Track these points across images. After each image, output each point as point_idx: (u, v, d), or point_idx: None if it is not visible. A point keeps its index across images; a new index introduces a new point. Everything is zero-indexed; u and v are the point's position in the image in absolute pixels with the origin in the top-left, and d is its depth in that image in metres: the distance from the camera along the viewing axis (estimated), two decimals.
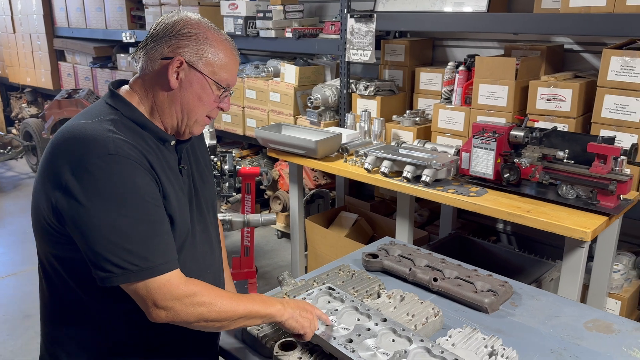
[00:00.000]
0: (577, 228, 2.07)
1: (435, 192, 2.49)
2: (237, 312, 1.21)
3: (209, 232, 1.40)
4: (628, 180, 2.15)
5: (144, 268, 1.11)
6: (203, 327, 1.20)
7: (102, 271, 1.10)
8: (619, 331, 1.57)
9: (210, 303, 1.18)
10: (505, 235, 3.58)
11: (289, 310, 1.30)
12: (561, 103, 2.67)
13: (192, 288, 1.16)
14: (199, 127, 1.30)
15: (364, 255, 1.93)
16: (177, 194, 1.25)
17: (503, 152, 2.43)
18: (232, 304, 1.21)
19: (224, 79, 1.26)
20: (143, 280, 1.11)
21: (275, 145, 3.13)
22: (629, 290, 2.71)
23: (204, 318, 1.17)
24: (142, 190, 1.13)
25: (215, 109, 1.29)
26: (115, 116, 1.20)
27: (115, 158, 1.10)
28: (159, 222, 1.16)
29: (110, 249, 1.09)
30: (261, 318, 1.27)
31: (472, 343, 1.42)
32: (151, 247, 1.12)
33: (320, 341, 1.34)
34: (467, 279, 1.78)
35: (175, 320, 1.16)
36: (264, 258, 4.20)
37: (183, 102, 1.24)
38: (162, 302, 1.13)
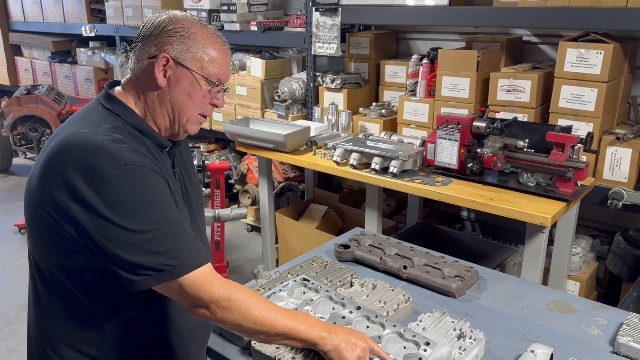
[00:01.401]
0: (538, 214, 2.17)
1: (403, 182, 2.55)
2: (275, 327, 1.15)
3: (201, 233, 1.41)
4: (585, 167, 2.26)
5: (176, 266, 1.10)
6: (241, 334, 1.20)
7: (135, 275, 1.09)
8: (578, 311, 1.66)
9: (248, 310, 1.13)
10: (469, 222, 3.69)
11: (335, 340, 1.19)
12: (521, 94, 2.77)
13: (230, 290, 1.14)
14: (193, 126, 1.28)
15: (336, 246, 1.97)
16: (178, 198, 1.25)
17: (466, 142, 2.51)
18: (271, 316, 1.15)
19: (214, 74, 1.23)
20: (177, 277, 1.10)
21: (244, 140, 3.13)
22: (587, 271, 2.85)
23: (239, 325, 1.14)
24: (161, 195, 1.13)
25: (208, 106, 1.27)
26: (118, 123, 1.18)
27: (131, 168, 1.09)
28: (180, 221, 1.15)
29: (139, 254, 1.08)
30: (301, 341, 1.19)
31: (442, 326, 1.48)
32: (179, 246, 1.11)
33: None
34: (435, 265, 1.84)
35: (214, 320, 1.14)
36: (235, 252, 4.21)
37: (173, 100, 1.22)
38: (200, 301, 1.12)
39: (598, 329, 1.56)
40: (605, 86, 2.51)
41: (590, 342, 1.50)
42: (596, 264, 2.95)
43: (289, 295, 1.52)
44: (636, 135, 2.54)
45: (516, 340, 1.51)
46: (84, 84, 5.75)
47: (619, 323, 1.56)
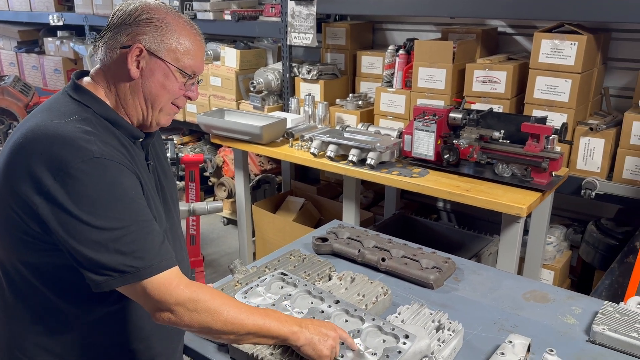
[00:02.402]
0: (513, 204, 2.19)
1: (380, 174, 2.54)
2: (246, 325, 1.12)
3: (175, 227, 1.37)
4: (559, 158, 2.29)
5: (140, 268, 1.06)
6: (209, 337, 1.17)
7: (98, 275, 1.05)
8: (554, 300, 1.68)
9: (216, 311, 1.10)
10: (445, 213, 3.72)
11: (307, 334, 1.18)
12: (496, 85, 2.78)
13: (196, 292, 1.10)
14: (165, 117, 1.24)
15: (314, 240, 1.95)
16: (151, 192, 1.21)
17: (443, 134, 2.51)
18: (240, 316, 1.12)
19: (188, 66, 1.20)
20: (141, 280, 1.06)
21: (219, 132, 3.08)
22: (561, 260, 2.90)
23: (208, 327, 1.10)
24: (130, 192, 1.08)
25: (181, 98, 1.24)
26: (87, 114, 1.13)
27: (100, 161, 1.05)
28: (149, 220, 1.11)
29: (103, 253, 1.04)
30: (273, 338, 1.17)
31: (420, 318, 1.48)
32: (145, 247, 1.07)
33: None
34: (412, 257, 1.84)
35: (179, 325, 1.10)
36: (211, 246, 4.16)
37: (146, 91, 1.18)
38: (165, 305, 1.07)
39: (574, 318, 1.58)
40: (579, 77, 2.53)
41: (566, 332, 1.51)
42: (570, 252, 2.99)
43: (266, 290, 1.50)
44: (609, 125, 2.58)
45: (494, 331, 1.52)
46: (52, 75, 5.59)
47: (593, 312, 1.59)
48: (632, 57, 2.85)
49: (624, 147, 2.51)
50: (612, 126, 2.59)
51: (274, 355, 1.33)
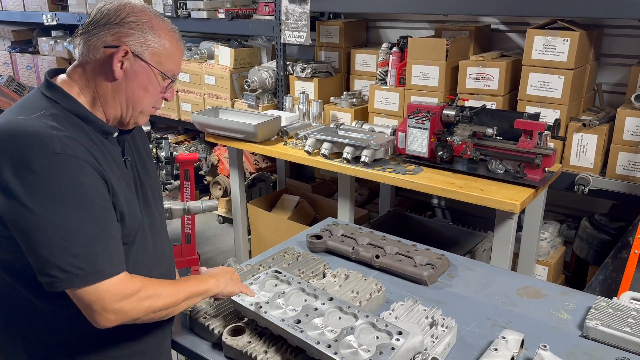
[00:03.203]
0: (507, 201, 2.19)
1: (375, 171, 2.55)
2: (179, 296, 1.22)
3: (156, 223, 1.37)
4: (552, 154, 2.29)
5: (90, 272, 1.06)
6: (151, 319, 1.18)
7: (46, 276, 1.05)
8: (548, 296, 1.69)
9: (156, 294, 1.17)
10: (440, 209, 3.73)
11: (222, 280, 1.35)
12: (489, 82, 2.79)
13: (137, 284, 1.14)
14: (144, 118, 1.26)
15: (308, 237, 1.95)
16: (124, 189, 1.21)
17: (436, 131, 2.52)
18: (173, 290, 1.21)
19: (170, 70, 1.23)
20: (89, 285, 1.07)
21: (213, 130, 3.08)
22: (555, 256, 2.91)
23: (152, 310, 1.16)
24: (90, 191, 1.08)
25: (160, 99, 1.27)
26: (56, 110, 1.14)
27: (61, 157, 1.05)
28: (107, 224, 1.11)
29: (55, 252, 1.04)
30: (201, 295, 1.30)
31: (414, 315, 1.49)
32: (98, 251, 1.08)
33: (269, 324, 1.35)
34: (406, 254, 1.85)
35: (125, 320, 1.12)
36: (206, 244, 4.16)
37: (128, 93, 1.20)
38: (111, 305, 1.09)
39: (567, 313, 1.59)
40: (571, 73, 2.54)
41: (559, 327, 1.52)
42: (563, 248, 3.01)
43: (260, 288, 1.50)
44: (602, 121, 2.59)
45: (487, 327, 1.53)
46: None
47: (587, 307, 1.60)
48: (624, 53, 2.86)
49: (617, 143, 2.52)
50: (605, 122, 2.60)
51: (268, 353, 1.34)
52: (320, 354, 1.24)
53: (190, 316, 1.50)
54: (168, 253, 1.45)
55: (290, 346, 1.34)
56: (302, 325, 1.32)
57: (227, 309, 1.52)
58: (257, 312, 1.38)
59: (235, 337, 1.40)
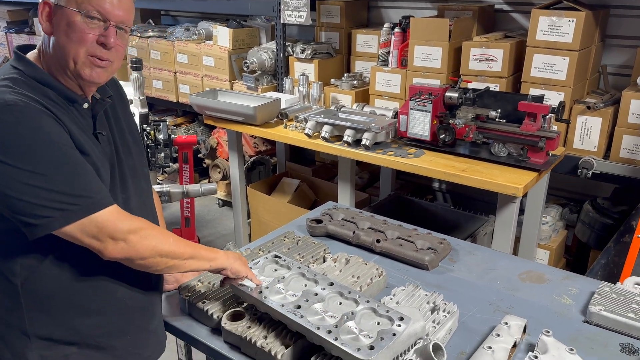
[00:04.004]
0: (510, 184, 2.17)
1: (376, 155, 2.51)
2: (186, 250, 1.22)
3: (131, 203, 1.32)
4: (556, 137, 2.26)
5: (83, 204, 1.08)
6: (156, 263, 1.18)
7: (37, 219, 1.06)
8: (550, 280, 1.67)
9: (162, 237, 1.19)
10: (440, 193, 3.70)
11: (231, 256, 1.35)
12: (492, 63, 2.74)
13: (139, 222, 1.16)
14: (87, 69, 1.18)
15: (308, 221, 1.93)
16: (97, 157, 1.19)
17: (439, 113, 2.48)
18: (180, 241, 1.22)
19: (92, 8, 1.14)
20: (86, 216, 1.08)
21: (212, 112, 3.03)
22: (557, 240, 2.89)
23: (158, 252, 1.17)
24: (52, 135, 1.09)
25: (96, 46, 1.17)
26: (16, 75, 1.15)
27: (14, 108, 1.06)
28: (81, 163, 1.11)
29: (40, 195, 1.05)
30: (209, 261, 1.29)
31: (415, 300, 1.47)
32: (83, 185, 1.10)
33: (269, 309, 1.34)
34: (408, 238, 1.83)
35: (132, 255, 1.14)
36: (206, 228, 4.14)
37: (57, 45, 1.17)
38: (116, 233, 1.11)
39: (570, 298, 1.57)
40: (576, 55, 2.49)
41: (562, 312, 1.51)
42: (565, 232, 2.99)
43: (260, 272, 1.47)
44: (606, 104, 2.55)
45: (489, 312, 1.51)
46: None
47: (590, 292, 1.58)
48: (630, 34, 2.81)
49: (622, 126, 2.48)
50: (609, 105, 2.56)
51: (267, 338, 1.32)
52: (320, 340, 1.23)
53: (188, 301, 1.48)
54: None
55: (290, 331, 1.32)
56: (302, 311, 1.30)
57: (226, 293, 1.50)
58: (256, 297, 1.36)
59: (235, 322, 1.38)
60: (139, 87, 2.94)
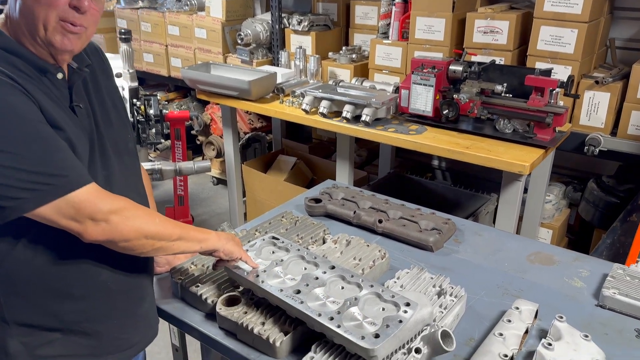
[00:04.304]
0: (516, 162, 2.08)
1: (376, 131, 2.42)
2: (175, 231, 1.14)
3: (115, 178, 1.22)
4: (564, 112, 2.17)
5: (58, 184, 0.99)
6: (142, 245, 1.10)
7: (7, 200, 0.97)
8: (560, 262, 1.60)
9: (147, 217, 1.10)
10: (440, 171, 3.62)
11: (223, 237, 1.26)
12: (498, 36, 2.63)
13: (121, 202, 1.08)
14: (58, 36, 1.07)
15: (307, 201, 1.85)
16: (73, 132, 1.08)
17: (442, 88, 2.38)
18: (167, 221, 1.14)
19: None
20: (62, 196, 0.99)
21: (205, 87, 2.92)
22: (560, 219, 2.82)
23: (143, 233, 1.08)
24: (19, 110, 0.99)
25: (68, 9, 1.06)
26: None
27: None
28: (53, 139, 1.02)
29: (9, 175, 0.96)
30: (199, 242, 1.21)
31: (421, 284, 1.39)
32: (56, 162, 1.00)
33: (267, 294, 1.26)
34: (411, 218, 1.75)
35: (114, 237, 1.05)
36: (200, 206, 4.06)
37: (26, 7, 1.04)
38: (95, 214, 1.02)
39: (581, 281, 1.50)
40: (585, 27, 2.39)
41: (574, 296, 1.44)
42: (568, 211, 2.92)
43: (256, 255, 1.39)
44: (615, 78, 2.46)
45: (498, 296, 1.44)
46: None
47: (602, 274, 1.51)
48: None
49: (631, 102, 2.40)
50: (618, 79, 2.47)
51: (265, 324, 1.24)
52: (322, 327, 1.15)
53: (181, 284, 1.40)
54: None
55: (289, 317, 1.25)
56: (302, 296, 1.22)
57: (221, 277, 1.42)
58: (253, 282, 1.28)
59: (230, 307, 1.31)
60: (128, 60, 2.81)
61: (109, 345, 1.22)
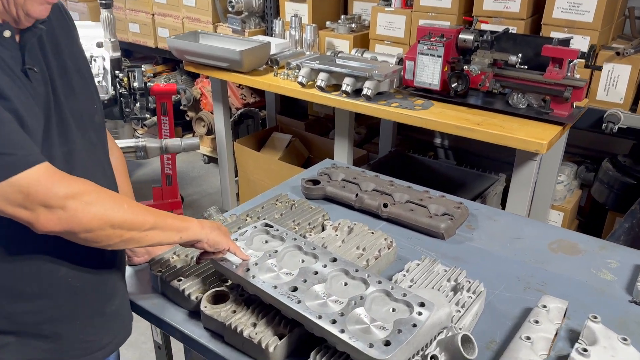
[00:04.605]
0: (532, 140, 1.91)
1: (378, 106, 2.23)
2: (147, 219, 0.97)
3: (76, 155, 1.03)
4: (584, 86, 1.99)
5: (1, 164, 0.82)
6: (107, 236, 0.92)
7: None
8: (585, 251, 1.44)
9: (114, 201, 0.94)
10: (442, 150, 3.44)
11: (208, 226, 1.09)
12: (510, 3, 2.43)
13: (83, 184, 0.91)
14: (35, 5, 0.90)
15: (304, 182, 1.67)
16: (22, 102, 0.90)
17: (450, 59, 2.19)
18: (138, 207, 0.97)
19: None
20: (6, 178, 0.82)
21: (193, 58, 2.71)
22: (571, 201, 2.67)
23: (108, 221, 0.91)
24: None
25: None
26: None
27: None
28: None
29: None
30: (178, 232, 1.03)
31: (434, 278, 1.23)
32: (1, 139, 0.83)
33: (259, 291, 1.09)
34: (419, 202, 1.58)
35: (73, 227, 0.88)
36: (191, 186, 3.87)
37: None
38: (48, 199, 0.85)
39: (611, 273, 1.34)
40: None
41: (604, 290, 1.28)
42: (579, 192, 2.76)
43: (247, 245, 1.22)
44: (637, 50, 2.27)
45: (519, 290, 1.28)
46: None
47: (633, 265, 1.36)
48: None
49: None
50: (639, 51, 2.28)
51: (257, 326, 1.08)
52: (322, 331, 0.99)
53: (161, 278, 1.23)
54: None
55: (284, 318, 1.08)
56: (299, 294, 1.06)
57: (207, 269, 1.25)
58: (243, 277, 1.11)
59: (217, 305, 1.14)
60: (109, 27, 2.59)
61: (72, 348, 1.05)
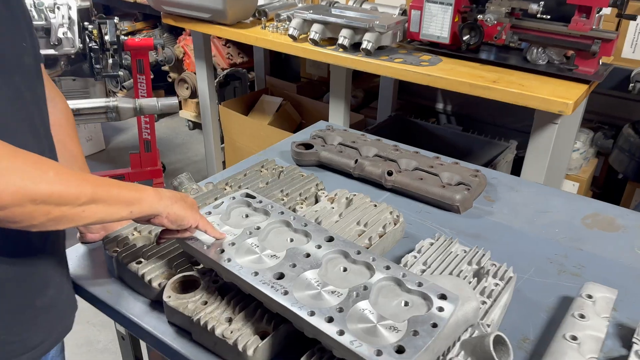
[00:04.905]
0: (556, 99, 1.67)
1: (380, 62, 1.97)
2: (84, 189, 0.74)
3: (7, 113, 0.79)
4: (615, 38, 1.74)
5: None
6: (30, 215, 0.69)
7: None
8: (625, 227, 1.22)
9: (36, 168, 0.70)
10: (445, 115, 3.20)
11: (168, 196, 0.87)
12: None
13: None
14: None
15: (295, 146, 1.43)
16: None
17: (462, 7, 1.93)
18: (71, 175, 0.74)
19: None
20: None
21: (171, 8, 2.42)
22: (587, 170, 2.45)
23: (29, 195, 0.67)
24: None
25: None
26: None
27: None
28: None
29: None
30: (127, 204, 0.81)
31: (452, 260, 1.01)
32: None
33: (236, 278, 0.86)
34: (429, 170, 1.35)
35: None
36: (174, 153, 3.63)
37: None
38: None
39: None
40: None
41: None
42: (595, 161, 2.54)
43: (223, 220, 0.99)
44: None
45: (552, 275, 1.07)
46: None
47: None
48: None
49: None
50: None
51: (232, 322, 0.86)
52: (316, 332, 0.77)
53: (117, 259, 1.00)
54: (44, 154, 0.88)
55: (268, 312, 0.86)
56: (287, 283, 0.83)
57: (174, 249, 1.02)
58: (216, 260, 0.89)
59: (185, 294, 0.92)
60: None
61: None
